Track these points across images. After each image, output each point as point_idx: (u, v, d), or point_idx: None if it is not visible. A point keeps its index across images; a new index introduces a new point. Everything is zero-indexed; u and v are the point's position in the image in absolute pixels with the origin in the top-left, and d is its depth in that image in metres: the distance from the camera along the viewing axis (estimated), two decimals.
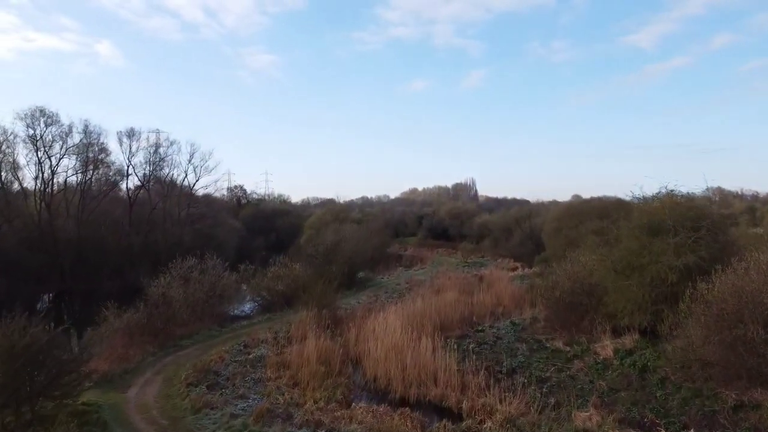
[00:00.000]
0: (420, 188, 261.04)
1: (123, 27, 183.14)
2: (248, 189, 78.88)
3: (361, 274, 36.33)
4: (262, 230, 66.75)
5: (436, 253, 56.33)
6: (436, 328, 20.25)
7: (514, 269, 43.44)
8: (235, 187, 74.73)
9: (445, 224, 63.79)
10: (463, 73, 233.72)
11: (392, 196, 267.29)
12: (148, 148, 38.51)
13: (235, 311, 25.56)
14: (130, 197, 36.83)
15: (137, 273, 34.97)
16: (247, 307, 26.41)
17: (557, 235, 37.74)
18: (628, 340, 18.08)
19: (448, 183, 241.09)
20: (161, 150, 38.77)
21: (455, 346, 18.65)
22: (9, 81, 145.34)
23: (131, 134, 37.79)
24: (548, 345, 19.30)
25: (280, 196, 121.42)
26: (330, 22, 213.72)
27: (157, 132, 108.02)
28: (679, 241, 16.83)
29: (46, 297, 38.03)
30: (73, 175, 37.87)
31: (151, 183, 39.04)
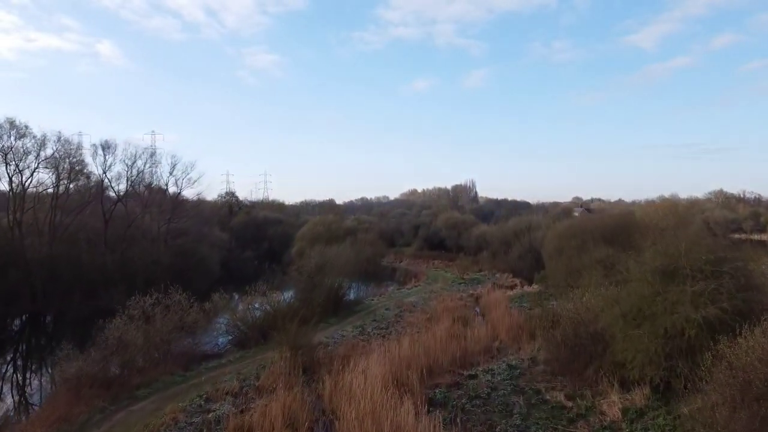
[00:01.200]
0: (419, 189, 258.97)
1: (124, 27, 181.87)
2: (247, 190, 77.28)
3: (350, 296, 34.24)
4: (254, 239, 64.76)
5: (432, 266, 54.29)
6: (423, 376, 18.26)
7: (513, 286, 41.42)
8: (227, 193, 72.73)
9: (442, 234, 61.72)
10: (465, 72, 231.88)
11: (391, 197, 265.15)
12: (126, 161, 36.61)
13: (207, 346, 23.43)
14: (104, 213, 34.76)
15: (111, 294, 32.98)
16: (221, 340, 24.31)
17: (558, 255, 35.72)
18: (639, 396, 15.96)
19: (448, 184, 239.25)
20: (139, 163, 36.86)
21: (443, 401, 16.69)
22: (10, 81, 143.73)
23: (106, 146, 35.83)
24: (548, 397, 17.19)
25: (274, 201, 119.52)
26: (331, 22, 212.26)
27: (153, 133, 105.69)
28: (698, 290, 14.72)
29: (19, 319, 36.02)
30: (46, 189, 35.85)
31: (129, 198, 37.00)
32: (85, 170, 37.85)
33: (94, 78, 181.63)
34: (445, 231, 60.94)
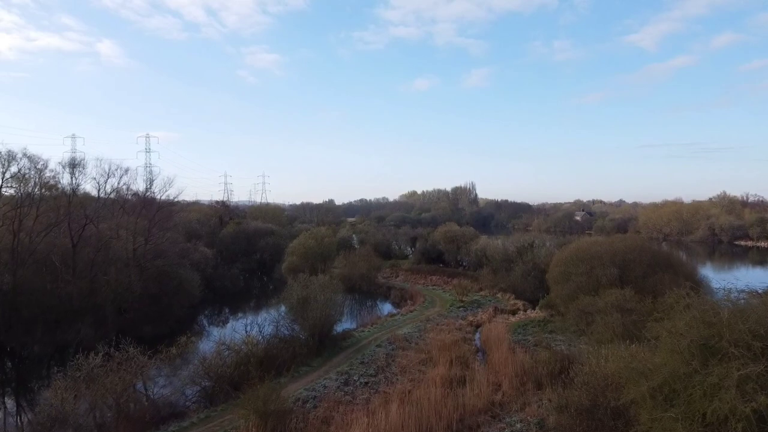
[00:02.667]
0: (419, 191, 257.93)
1: (125, 26, 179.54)
2: (246, 191, 75.04)
3: (339, 325, 31.53)
4: (244, 252, 62.07)
5: (429, 282, 51.53)
6: None
7: (515, 311, 38.70)
8: (218, 202, 69.87)
9: (440, 248, 58.98)
10: (465, 72, 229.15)
11: (390, 199, 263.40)
12: (98, 178, 33.89)
13: (172, 398, 20.69)
14: (72, 236, 32.07)
15: (77, 327, 30.37)
16: (189, 392, 21.56)
17: (564, 281, 33.07)
18: None
19: (448, 186, 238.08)
20: (113, 180, 34.18)
21: None
22: (11, 80, 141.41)
23: (74, 164, 33.06)
24: None
25: (270, 203, 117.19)
26: (331, 22, 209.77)
27: (147, 136, 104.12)
28: (746, 374, 12.04)
29: None
30: (13, 209, 33.06)
31: (100, 219, 34.21)
32: (58, 185, 35.18)
33: (94, 77, 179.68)
34: (443, 244, 58.22)
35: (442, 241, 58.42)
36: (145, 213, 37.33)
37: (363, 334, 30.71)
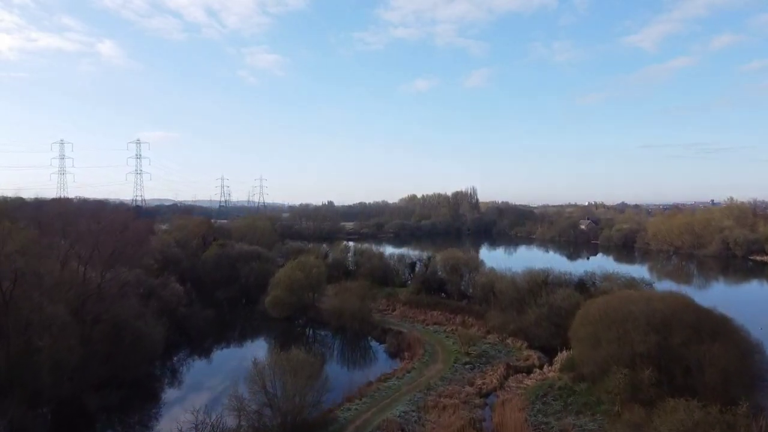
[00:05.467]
0: (419, 195, 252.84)
1: (125, 27, 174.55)
2: (245, 192, 69.84)
3: (319, 393, 26.09)
4: (227, 279, 56.82)
5: (430, 319, 46.19)
6: None
7: (530, 368, 33.40)
8: (201, 223, 64.65)
9: (442, 276, 53.56)
10: (465, 73, 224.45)
11: (390, 202, 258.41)
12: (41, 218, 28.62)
13: None
14: (3, 293, 26.77)
15: (4, 406, 25.08)
16: None
17: (593, 345, 27.79)
18: None
19: (448, 190, 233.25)
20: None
21: None
22: (12, 80, 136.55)
23: None
24: None
25: (268, 204, 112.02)
26: (331, 23, 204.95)
27: (138, 142, 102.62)
28: None
29: None
30: None
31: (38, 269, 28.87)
32: None
33: (94, 78, 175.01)
34: (445, 274, 52.83)
35: (444, 269, 53.03)
36: (99, 255, 31.99)
37: (348, 414, 25.37)
